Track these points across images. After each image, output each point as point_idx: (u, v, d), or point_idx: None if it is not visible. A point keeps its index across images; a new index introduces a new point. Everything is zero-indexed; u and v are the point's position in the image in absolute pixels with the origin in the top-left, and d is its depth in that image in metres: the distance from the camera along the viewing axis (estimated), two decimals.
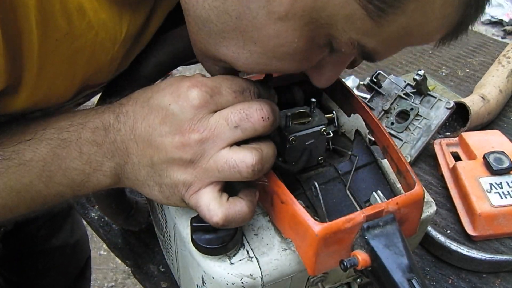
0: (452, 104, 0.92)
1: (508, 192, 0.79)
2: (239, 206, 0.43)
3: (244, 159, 0.40)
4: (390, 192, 0.52)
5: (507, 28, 3.30)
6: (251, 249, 0.48)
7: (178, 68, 0.55)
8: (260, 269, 0.47)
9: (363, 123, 0.56)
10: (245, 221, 0.43)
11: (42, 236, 0.99)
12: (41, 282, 1.01)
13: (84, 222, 0.79)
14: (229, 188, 0.44)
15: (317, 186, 0.46)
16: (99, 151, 0.42)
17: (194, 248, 0.47)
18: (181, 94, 0.41)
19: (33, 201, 0.43)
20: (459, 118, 0.98)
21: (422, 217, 0.51)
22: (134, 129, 0.42)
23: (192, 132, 0.40)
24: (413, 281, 0.41)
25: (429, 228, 0.76)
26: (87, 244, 1.10)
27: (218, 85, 0.42)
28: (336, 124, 0.58)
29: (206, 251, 0.46)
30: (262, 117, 0.41)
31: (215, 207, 0.41)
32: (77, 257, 1.07)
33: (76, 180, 0.42)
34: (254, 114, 0.40)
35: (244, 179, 0.41)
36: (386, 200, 0.47)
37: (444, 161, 0.89)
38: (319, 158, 0.54)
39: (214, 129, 0.40)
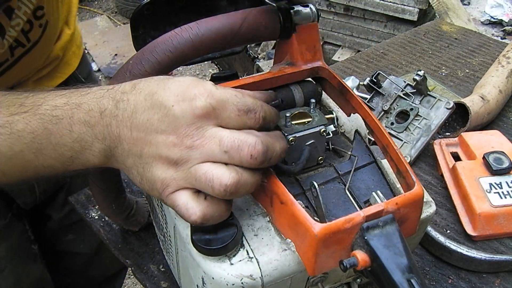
0: (452, 104, 0.92)
1: (507, 192, 0.79)
2: (216, 204, 0.44)
3: (220, 177, 0.41)
4: (390, 192, 0.52)
5: (507, 28, 3.30)
6: (251, 249, 0.48)
7: (178, 68, 0.55)
8: (260, 270, 0.47)
9: (363, 123, 0.56)
10: (222, 218, 0.45)
11: (69, 240, 1.02)
12: (61, 280, 1.03)
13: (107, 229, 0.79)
14: None
15: (316, 186, 0.46)
16: (90, 131, 0.44)
17: (194, 249, 0.47)
18: (187, 99, 0.42)
19: (25, 169, 0.46)
20: (459, 118, 0.98)
21: (421, 217, 0.51)
22: (132, 118, 0.43)
23: (186, 137, 0.42)
24: (413, 281, 0.41)
25: (429, 228, 0.76)
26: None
27: (225, 99, 0.43)
28: (336, 124, 0.58)
29: (206, 251, 0.46)
30: (251, 155, 0.42)
31: (193, 205, 0.43)
32: (103, 264, 1.08)
33: (65, 155, 0.44)
34: (245, 149, 0.41)
35: (216, 196, 0.42)
36: (385, 200, 0.47)
37: (444, 161, 0.89)
38: (319, 158, 0.54)
39: (206, 143, 0.42)
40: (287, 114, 0.51)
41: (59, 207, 0.98)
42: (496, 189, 0.79)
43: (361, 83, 1.04)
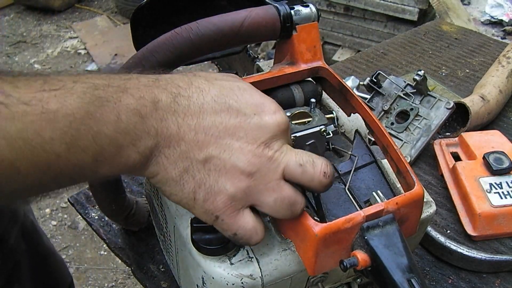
0: (452, 104, 0.92)
1: (508, 192, 0.79)
2: (261, 222, 0.43)
3: (301, 203, 0.41)
4: (390, 192, 0.52)
5: (507, 28, 3.30)
6: (251, 249, 0.48)
7: (178, 68, 0.55)
8: (260, 270, 0.47)
9: (363, 123, 0.56)
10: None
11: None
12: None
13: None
14: None
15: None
16: (140, 123, 0.37)
17: (194, 249, 0.47)
18: (267, 111, 0.41)
19: (48, 167, 0.34)
20: (459, 118, 0.98)
21: (422, 217, 0.51)
22: (198, 118, 0.38)
23: (266, 147, 0.40)
24: (413, 281, 0.41)
25: (429, 228, 0.76)
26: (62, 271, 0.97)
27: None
28: (336, 124, 0.58)
29: (206, 251, 0.46)
30: (325, 172, 0.41)
31: (259, 226, 0.41)
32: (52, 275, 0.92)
33: (104, 150, 0.36)
34: (319, 166, 0.41)
35: (283, 217, 0.42)
36: (386, 200, 0.47)
37: (444, 161, 0.89)
38: None
39: (284, 155, 0.40)
40: (288, 114, 0.51)
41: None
42: (496, 189, 0.79)
43: (361, 83, 1.04)
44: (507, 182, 0.80)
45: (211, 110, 0.39)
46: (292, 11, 0.55)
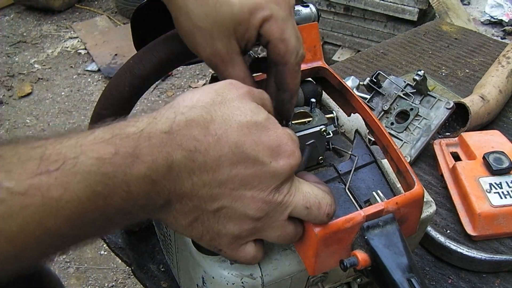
0: (452, 104, 0.92)
1: (507, 192, 0.79)
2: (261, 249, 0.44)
3: (294, 236, 0.42)
4: (390, 192, 0.52)
5: (507, 28, 3.30)
6: None
7: (178, 68, 0.55)
8: (260, 269, 0.47)
9: (363, 123, 0.56)
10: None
11: None
12: None
13: None
14: None
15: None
16: (152, 189, 0.35)
17: (194, 248, 0.47)
18: (284, 154, 0.39)
19: (52, 247, 0.33)
20: (459, 118, 0.98)
21: (422, 217, 0.51)
22: (215, 174, 0.36)
23: (277, 193, 0.39)
24: (413, 281, 0.41)
25: (429, 228, 0.76)
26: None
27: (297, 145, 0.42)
28: (336, 123, 0.58)
29: (207, 251, 0.46)
30: (328, 214, 0.42)
31: (257, 253, 0.42)
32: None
33: (113, 221, 0.35)
34: (324, 207, 0.41)
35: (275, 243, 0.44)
36: (386, 200, 0.47)
37: (444, 161, 0.89)
38: (319, 158, 0.54)
39: (292, 197, 0.40)
40: None
41: None
42: (496, 189, 0.79)
43: (361, 83, 1.04)
44: (507, 182, 0.80)
45: (228, 162, 0.37)
46: None
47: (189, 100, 0.38)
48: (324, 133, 0.51)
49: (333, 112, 0.60)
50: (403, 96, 0.96)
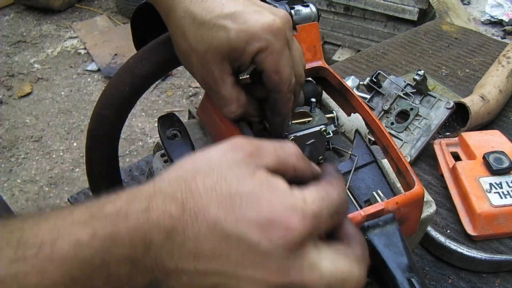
0: (452, 104, 0.92)
1: (508, 192, 0.79)
2: None
3: None
4: (390, 191, 0.52)
5: (507, 28, 3.30)
6: None
7: (178, 68, 0.55)
8: None
9: (363, 123, 0.56)
10: None
11: None
12: None
13: None
14: None
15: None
16: (133, 269, 0.33)
17: None
18: (276, 227, 0.32)
19: None
20: (459, 118, 0.98)
21: (422, 216, 0.51)
22: (196, 251, 0.33)
23: (281, 275, 0.33)
24: (413, 280, 0.41)
25: (429, 228, 0.76)
26: None
27: (319, 214, 0.34)
28: (336, 123, 0.58)
29: None
30: (356, 285, 0.35)
31: None
32: None
33: None
34: (353, 279, 0.34)
35: None
36: (386, 199, 0.47)
37: (444, 161, 0.89)
38: (319, 158, 0.54)
39: (306, 278, 0.33)
40: None
41: None
42: (496, 189, 0.79)
43: (361, 83, 1.05)
44: (507, 182, 0.80)
45: (208, 241, 0.33)
46: (292, 11, 0.55)
47: (172, 170, 0.35)
48: (324, 133, 0.51)
49: (333, 112, 0.60)
50: (403, 96, 0.96)
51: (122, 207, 0.33)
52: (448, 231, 0.80)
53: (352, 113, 0.58)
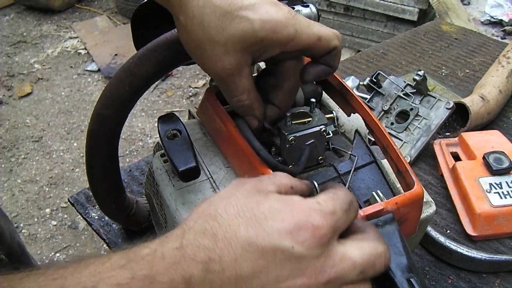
0: (452, 104, 0.92)
1: (507, 192, 0.79)
2: None
3: None
4: (390, 192, 0.52)
5: (507, 28, 3.30)
6: None
7: (178, 68, 0.55)
8: None
9: (363, 123, 0.56)
10: None
11: None
12: None
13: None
14: None
15: (316, 186, 0.46)
16: None
17: None
18: (303, 231, 0.35)
19: None
20: (459, 118, 0.98)
21: (421, 217, 0.51)
22: (236, 276, 0.34)
23: (319, 273, 0.35)
24: (413, 281, 0.41)
25: (429, 228, 0.76)
26: None
27: (334, 210, 0.37)
28: (336, 124, 0.58)
29: None
30: (385, 265, 0.38)
31: None
32: None
33: None
34: (380, 262, 0.38)
35: None
36: (385, 200, 0.47)
37: (444, 161, 0.89)
38: (319, 158, 0.54)
39: (340, 269, 0.36)
40: (288, 114, 0.51)
41: None
42: (496, 189, 0.79)
43: (361, 83, 1.05)
44: (507, 182, 0.80)
45: (246, 262, 0.34)
46: None
47: (193, 212, 0.38)
48: (324, 133, 0.51)
49: (333, 112, 0.60)
50: (403, 96, 0.96)
51: (157, 249, 0.34)
52: (448, 231, 0.80)
53: (352, 113, 0.58)
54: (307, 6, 0.57)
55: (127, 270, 0.33)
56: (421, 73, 0.92)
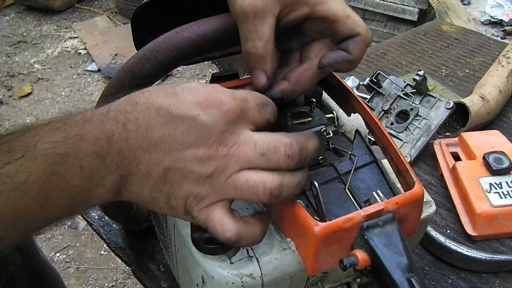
0: (452, 104, 0.92)
1: (507, 192, 0.79)
2: (252, 226, 0.42)
3: (264, 182, 0.39)
4: (390, 191, 0.52)
5: (507, 28, 3.30)
6: (251, 248, 0.48)
7: (178, 68, 0.55)
8: (260, 269, 0.47)
9: (363, 123, 0.56)
10: (255, 242, 0.43)
11: None
12: None
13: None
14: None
15: (316, 185, 0.46)
16: (101, 164, 0.38)
17: (194, 248, 0.47)
18: (212, 105, 0.39)
19: (28, 228, 0.39)
20: (459, 118, 0.98)
21: (421, 217, 0.51)
22: (147, 138, 0.39)
23: (220, 145, 0.39)
24: (413, 280, 0.41)
25: (429, 228, 0.76)
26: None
27: (245, 98, 0.41)
28: (336, 124, 0.58)
29: (206, 250, 0.46)
30: (288, 155, 0.40)
31: (228, 222, 0.40)
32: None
33: (76, 199, 0.39)
34: (282, 150, 0.40)
35: (260, 202, 0.41)
36: (385, 199, 0.47)
37: (444, 161, 0.89)
38: (319, 158, 0.54)
39: (241, 148, 0.39)
40: (288, 114, 0.51)
41: None
42: (496, 189, 0.79)
43: (361, 83, 1.05)
44: (507, 182, 0.80)
45: (157, 125, 0.39)
46: None
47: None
48: (324, 133, 0.51)
49: (333, 112, 0.60)
50: (403, 96, 0.96)
51: (87, 114, 0.40)
52: (448, 231, 0.80)
53: (352, 113, 0.58)
54: None
55: (62, 131, 0.38)
56: (421, 73, 0.92)
